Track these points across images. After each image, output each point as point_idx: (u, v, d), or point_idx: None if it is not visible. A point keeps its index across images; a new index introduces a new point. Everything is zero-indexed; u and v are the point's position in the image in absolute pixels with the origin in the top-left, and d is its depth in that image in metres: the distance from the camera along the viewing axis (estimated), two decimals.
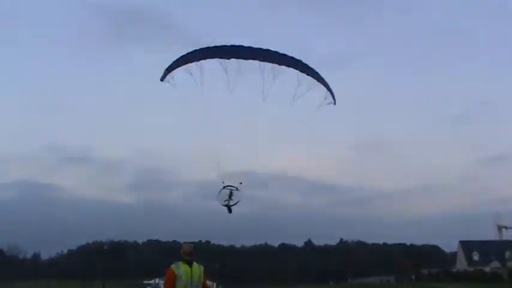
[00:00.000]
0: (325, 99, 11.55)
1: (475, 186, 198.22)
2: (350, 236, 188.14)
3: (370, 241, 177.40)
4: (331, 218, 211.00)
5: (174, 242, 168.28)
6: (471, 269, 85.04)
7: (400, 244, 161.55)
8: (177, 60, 10.92)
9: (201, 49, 10.64)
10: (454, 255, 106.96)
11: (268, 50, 10.74)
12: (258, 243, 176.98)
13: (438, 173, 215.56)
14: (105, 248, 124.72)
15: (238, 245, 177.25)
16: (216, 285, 72.57)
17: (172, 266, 8.22)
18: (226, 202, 12.49)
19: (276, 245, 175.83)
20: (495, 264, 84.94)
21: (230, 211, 12.71)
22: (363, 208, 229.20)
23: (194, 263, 8.33)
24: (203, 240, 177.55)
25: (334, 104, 11.97)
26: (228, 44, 10.69)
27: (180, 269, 8.23)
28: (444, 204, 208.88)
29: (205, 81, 10.64)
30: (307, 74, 10.87)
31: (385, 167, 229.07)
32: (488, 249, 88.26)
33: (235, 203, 12.54)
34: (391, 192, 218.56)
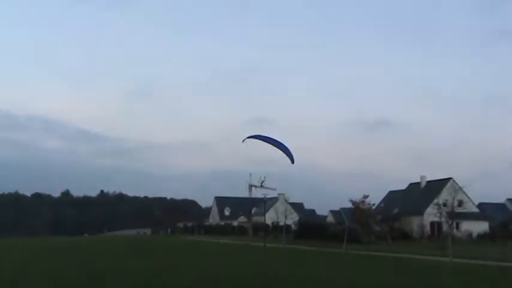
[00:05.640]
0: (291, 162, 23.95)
1: (235, 146, 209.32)
2: (111, 188, 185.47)
3: (131, 194, 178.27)
4: (93, 168, 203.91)
5: None
6: (222, 222, 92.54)
7: (160, 198, 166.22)
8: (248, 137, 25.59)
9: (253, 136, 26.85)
10: (209, 209, 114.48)
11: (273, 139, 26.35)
12: (6, 191, 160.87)
13: (205, 129, 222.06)
14: None
15: None
16: None
17: None
18: None
19: (28, 194, 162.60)
20: (242, 219, 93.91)
21: None
22: (127, 160, 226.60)
23: None
24: None
25: (292, 163, 24.72)
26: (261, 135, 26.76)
27: None
28: (206, 161, 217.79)
29: None
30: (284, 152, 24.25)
31: (154, 118, 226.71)
32: (239, 205, 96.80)
33: None
34: (156, 146, 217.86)
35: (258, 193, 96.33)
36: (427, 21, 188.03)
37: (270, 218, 67.93)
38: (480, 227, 62.33)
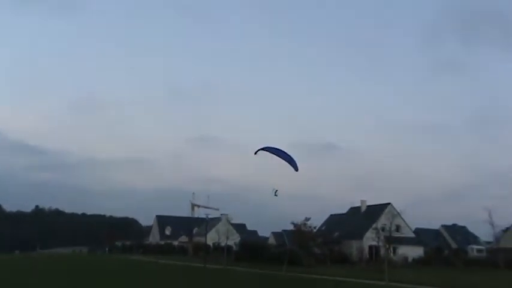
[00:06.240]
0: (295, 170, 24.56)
1: (179, 165, 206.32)
2: (47, 204, 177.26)
3: (68, 210, 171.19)
4: (28, 182, 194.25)
5: None
6: (163, 242, 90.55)
7: (99, 215, 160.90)
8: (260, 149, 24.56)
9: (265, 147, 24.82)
10: (150, 228, 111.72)
11: (279, 150, 24.86)
12: None
13: (149, 147, 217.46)
14: None
15: None
16: None
17: None
18: None
19: None
20: (183, 238, 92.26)
21: None
22: (65, 175, 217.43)
23: None
24: None
25: (296, 171, 24.64)
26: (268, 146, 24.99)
27: None
28: (149, 179, 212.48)
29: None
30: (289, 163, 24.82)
31: (96, 133, 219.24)
32: (180, 224, 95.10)
33: None
34: (97, 161, 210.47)
35: (200, 213, 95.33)
36: (374, 51, 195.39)
37: (211, 238, 67.12)
38: (416, 251, 64.07)
